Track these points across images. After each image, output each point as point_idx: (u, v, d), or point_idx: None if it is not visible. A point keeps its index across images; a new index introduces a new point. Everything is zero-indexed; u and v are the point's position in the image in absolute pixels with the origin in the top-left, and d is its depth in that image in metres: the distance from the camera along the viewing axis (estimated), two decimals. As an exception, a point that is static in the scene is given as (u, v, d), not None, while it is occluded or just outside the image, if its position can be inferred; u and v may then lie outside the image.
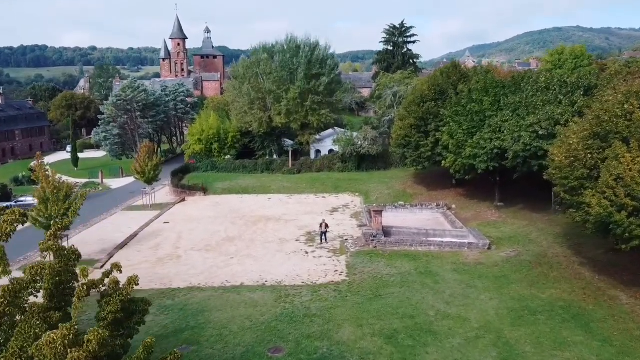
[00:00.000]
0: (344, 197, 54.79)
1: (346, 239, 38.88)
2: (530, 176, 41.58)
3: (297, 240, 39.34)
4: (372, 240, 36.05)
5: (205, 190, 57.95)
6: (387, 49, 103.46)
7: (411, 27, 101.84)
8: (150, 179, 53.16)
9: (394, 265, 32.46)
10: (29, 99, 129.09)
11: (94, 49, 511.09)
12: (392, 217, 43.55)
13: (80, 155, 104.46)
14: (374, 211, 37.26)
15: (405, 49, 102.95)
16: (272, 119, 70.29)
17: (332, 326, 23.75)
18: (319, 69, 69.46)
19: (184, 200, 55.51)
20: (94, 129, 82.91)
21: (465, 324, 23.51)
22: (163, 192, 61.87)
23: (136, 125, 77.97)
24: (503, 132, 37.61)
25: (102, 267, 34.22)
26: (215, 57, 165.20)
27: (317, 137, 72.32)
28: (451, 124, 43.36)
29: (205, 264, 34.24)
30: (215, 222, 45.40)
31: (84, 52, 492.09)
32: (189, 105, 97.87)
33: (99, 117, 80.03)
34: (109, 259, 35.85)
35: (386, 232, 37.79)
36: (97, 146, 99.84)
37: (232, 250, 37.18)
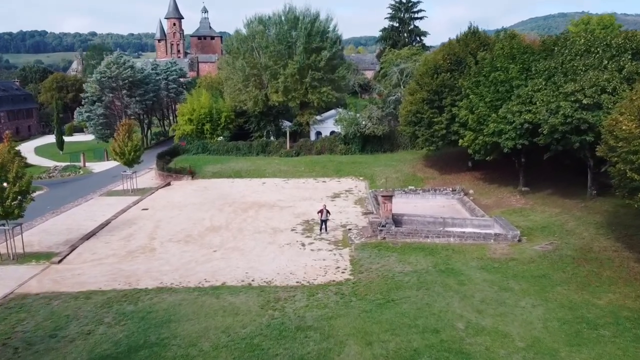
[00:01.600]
0: (347, 182, 49.23)
1: (350, 229, 33.40)
2: (557, 158, 36.11)
3: (292, 230, 33.88)
4: (381, 230, 30.55)
5: (193, 174, 52.42)
6: (392, 25, 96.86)
7: (418, 2, 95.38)
8: (131, 161, 47.59)
9: (408, 260, 26.98)
10: (16, 79, 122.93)
11: (94, 34, 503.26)
12: (401, 204, 38.00)
13: (69, 138, 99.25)
14: (382, 196, 31.74)
15: (412, 26, 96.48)
16: (268, 97, 64.59)
17: (333, 344, 18.31)
18: (320, 42, 63.48)
19: (168, 184, 50.01)
20: (77, 109, 77.24)
21: (506, 342, 18.03)
22: (148, 176, 56.46)
23: (123, 104, 72.20)
24: (535, 104, 31.88)
25: (60, 261, 28.84)
26: (212, 38, 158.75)
27: (318, 117, 66.59)
28: (471, 97, 37.61)
29: (182, 259, 28.81)
30: (200, 209, 39.91)
31: (84, 38, 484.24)
32: (182, 86, 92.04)
33: (81, 95, 74.31)
34: (71, 252, 30.44)
35: (396, 220, 32.28)
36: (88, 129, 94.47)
37: (215, 242, 31.72)
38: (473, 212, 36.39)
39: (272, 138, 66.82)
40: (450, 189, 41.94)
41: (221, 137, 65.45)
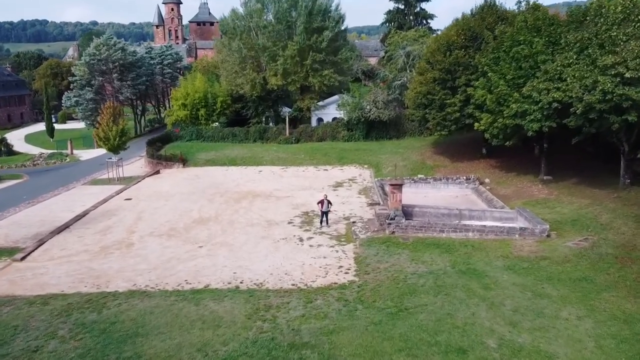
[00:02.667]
0: (350, 170, 45.48)
1: (354, 222, 29.71)
2: (579, 144, 32.37)
3: (289, 223, 30.21)
4: (389, 223, 26.84)
5: (184, 162, 48.71)
6: (397, 7, 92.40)
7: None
8: (117, 147, 43.98)
9: (421, 259, 23.29)
10: (7, 65, 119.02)
11: (95, 23, 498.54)
12: (410, 194, 34.24)
13: (62, 126, 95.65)
14: (391, 185, 27.98)
15: (418, 8, 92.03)
16: (266, 81, 60.82)
17: (334, 367, 14.68)
18: (321, 22, 59.57)
19: (157, 172, 46.31)
20: (65, 93, 73.51)
21: (553, 367, 14.37)
22: (138, 164, 52.96)
23: (114, 89, 68.38)
24: (565, 80, 27.98)
25: (22, 259, 25.22)
26: (212, 24, 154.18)
27: (320, 103, 62.68)
28: (489, 75, 33.70)
29: (163, 256, 25.17)
30: (188, 199, 36.23)
31: (85, 27, 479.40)
32: (177, 71, 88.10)
33: (69, 79, 70.53)
34: (37, 247, 26.83)
35: (406, 212, 28.57)
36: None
37: (202, 237, 28.07)
38: (491, 203, 32.63)
39: (270, 124, 63.03)
40: (464, 178, 38.14)
41: (216, 124, 61.68)
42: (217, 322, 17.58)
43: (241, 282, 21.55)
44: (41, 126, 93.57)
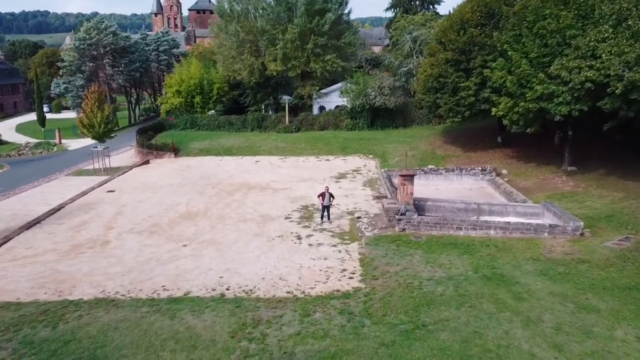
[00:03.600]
0: (354, 160, 42.23)
1: (358, 217, 26.45)
2: (606, 132, 29.23)
3: (286, 219, 26.99)
4: (399, 219, 23.59)
5: (176, 151, 45.49)
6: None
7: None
8: (102, 135, 40.75)
9: (438, 261, 20.06)
10: (0, 53, 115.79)
11: (96, 14, 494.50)
12: (420, 186, 30.84)
13: (56, 115, 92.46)
14: (401, 176, 24.69)
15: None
16: (265, 67, 57.31)
17: (336, 408, 11.49)
18: (324, 4, 55.96)
19: (146, 162, 43.12)
20: (54, 80, 70.27)
21: (619, 410, 11.15)
22: (128, 153, 49.84)
23: (105, 75, 65.08)
24: (600, 57, 24.59)
25: (-20, 259, 22.04)
26: (212, 12, 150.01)
27: (322, 91, 59.24)
28: (509, 54, 30.27)
29: (140, 256, 22.00)
30: (177, 192, 33.04)
31: (87, 18, 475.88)
32: (174, 57, 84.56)
33: (58, 64, 67.25)
34: (1, 245, 23.69)
35: (418, 207, 25.33)
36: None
37: (188, 234, 24.88)
38: (510, 196, 29.33)
39: (270, 113, 59.66)
40: (479, 169, 34.80)
41: (212, 111, 58.34)
42: (193, 342, 14.40)
43: (227, 289, 18.37)
44: (34, 116, 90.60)
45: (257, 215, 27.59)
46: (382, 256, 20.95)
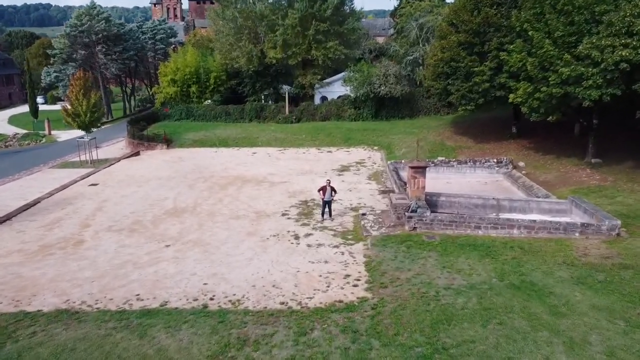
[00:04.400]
0: (358, 152, 39.51)
1: (363, 214, 23.74)
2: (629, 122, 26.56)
3: (283, 215, 24.32)
4: (410, 217, 20.88)
5: (168, 142, 42.85)
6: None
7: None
8: (88, 124, 38.12)
9: (456, 265, 17.38)
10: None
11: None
12: (430, 180, 27.74)
13: (51, 107, 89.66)
14: (412, 169, 21.94)
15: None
16: (264, 54, 54.52)
17: None
18: (326, -13, 53.06)
19: (137, 154, 40.50)
20: (44, 69, 67.61)
21: None
22: (119, 145, 47.24)
23: (98, 63, 62.37)
24: (637, 34, 21.76)
25: None
26: (212, 2, 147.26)
27: (327, 80, 56.49)
28: (530, 34, 27.40)
29: (116, 259, 19.39)
30: (165, 185, 30.42)
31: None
32: (172, 47, 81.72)
33: (48, 52, 64.57)
34: (-38, 246, 21.11)
35: (430, 202, 22.62)
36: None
37: (172, 232, 22.25)
38: (530, 191, 26.57)
39: (270, 103, 56.89)
40: (495, 161, 32.03)
41: (209, 101, 55.62)
42: (163, 369, 11.78)
43: (211, 299, 15.74)
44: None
45: (251, 212, 24.93)
46: (390, 259, 18.27)
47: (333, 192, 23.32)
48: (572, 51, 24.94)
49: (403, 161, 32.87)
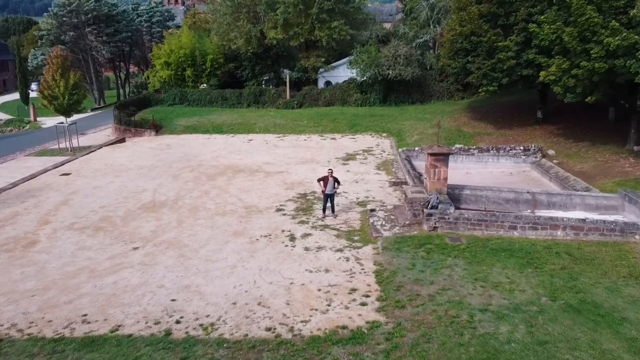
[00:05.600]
0: (365, 139, 35.76)
1: (372, 210, 20.03)
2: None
3: (278, 211, 20.68)
4: (429, 214, 17.17)
5: (157, 128, 39.23)
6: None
7: None
8: (67, 108, 34.51)
9: (490, 277, 13.73)
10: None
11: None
12: (449, 170, 24.39)
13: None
14: (432, 155, 18.15)
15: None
16: (264, 34, 50.59)
17: None
18: (330, -39, 48.97)
19: (122, 141, 36.92)
20: (32, 51, 64.00)
21: None
22: (107, 132, 43.48)
23: (89, 46, 58.67)
24: None
25: None
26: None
27: (330, 65, 52.63)
28: (568, 1, 23.45)
29: (71, 265, 15.84)
30: (146, 176, 26.82)
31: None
32: (169, 30, 77.82)
33: (35, 33, 60.93)
34: None
35: (452, 196, 18.89)
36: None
37: (145, 231, 18.66)
38: (565, 183, 22.81)
39: (270, 87, 53.05)
40: (521, 148, 28.24)
41: (204, 85, 51.87)
42: None
43: (178, 321, 12.19)
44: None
45: (241, 207, 21.30)
46: (407, 268, 14.63)
47: (336, 184, 19.66)
48: (619, 18, 21.05)
49: (417, 148, 29.16)
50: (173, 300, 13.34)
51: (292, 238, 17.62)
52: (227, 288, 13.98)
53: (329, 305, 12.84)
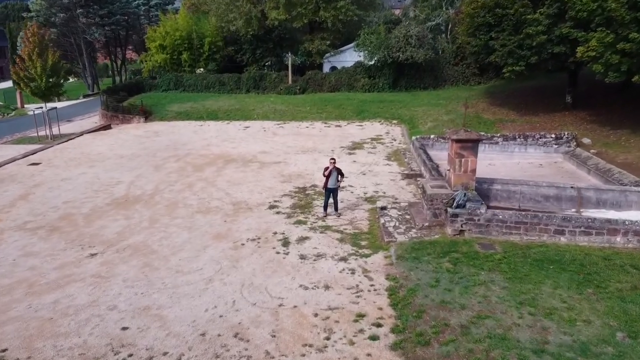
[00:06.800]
0: (373, 126, 32.42)
1: (383, 208, 16.72)
2: None
3: (271, 208, 17.43)
4: (455, 215, 13.86)
5: (147, 114, 36.05)
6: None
7: None
8: (46, 91, 31.39)
9: (540, 300, 10.46)
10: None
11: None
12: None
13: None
14: (457, 142, 14.76)
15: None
16: (265, 15, 47.15)
17: None
18: None
19: (107, 127, 33.82)
20: (20, 33, 60.78)
21: None
22: (95, 119, 40.40)
23: (80, 29, 55.50)
24: None
25: None
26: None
27: (340, 49, 49.28)
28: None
29: (8, 276, 12.75)
30: (124, 166, 23.66)
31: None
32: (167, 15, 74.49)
33: (23, 15, 57.84)
34: None
35: (479, 192, 15.52)
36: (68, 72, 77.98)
37: (108, 232, 15.50)
38: (608, 175, 19.40)
39: (271, 72, 49.63)
40: (553, 136, 24.80)
41: (201, 69, 48.59)
42: None
43: (124, 362, 9.01)
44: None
45: (228, 203, 18.09)
46: (429, 284, 11.40)
47: (340, 177, 16.37)
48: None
49: (432, 136, 25.84)
50: (124, 328, 10.18)
51: (286, 243, 14.39)
52: (198, 311, 10.81)
53: (327, 338, 9.64)
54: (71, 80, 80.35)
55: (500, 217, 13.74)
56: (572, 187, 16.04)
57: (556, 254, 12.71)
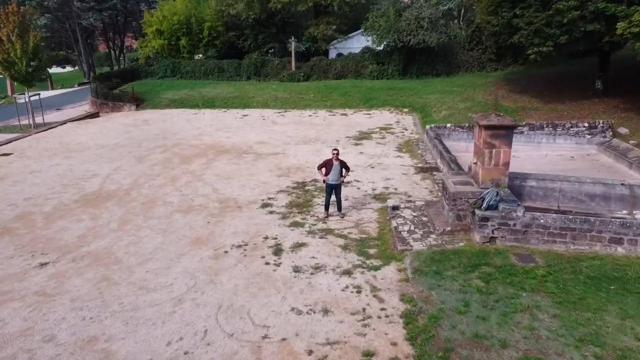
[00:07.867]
0: (382, 115, 29.79)
1: (395, 207, 14.09)
2: None
3: (264, 207, 14.88)
4: (485, 218, 11.25)
5: (138, 102, 33.57)
6: None
7: None
8: (27, 76, 28.96)
9: (605, 334, 7.86)
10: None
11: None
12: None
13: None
14: (487, 129, 12.11)
15: None
16: (268, -2, 44.43)
17: None
18: None
19: (95, 115, 31.40)
20: (12, 19, 58.34)
21: None
22: (86, 107, 37.94)
23: (75, 13, 53.03)
24: None
25: None
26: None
27: (347, 36, 46.62)
28: None
29: None
30: (104, 157, 21.20)
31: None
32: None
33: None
34: None
35: (511, 188, 12.87)
36: (66, 60, 75.55)
37: (68, 236, 13.04)
38: (654, 170, 16.70)
39: (274, 58, 46.96)
40: (585, 125, 22.05)
41: (200, 55, 46.00)
42: None
43: None
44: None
45: (215, 200, 15.57)
46: (456, 310, 8.85)
47: (343, 171, 13.79)
48: None
49: (448, 125, 23.16)
50: (57, 371, 7.71)
51: (278, 250, 11.87)
52: (157, 344, 8.33)
53: (324, 390, 7.11)
54: (69, 69, 78.29)
55: (542, 221, 11.12)
56: (622, 184, 13.37)
57: (615, 269, 10.11)
